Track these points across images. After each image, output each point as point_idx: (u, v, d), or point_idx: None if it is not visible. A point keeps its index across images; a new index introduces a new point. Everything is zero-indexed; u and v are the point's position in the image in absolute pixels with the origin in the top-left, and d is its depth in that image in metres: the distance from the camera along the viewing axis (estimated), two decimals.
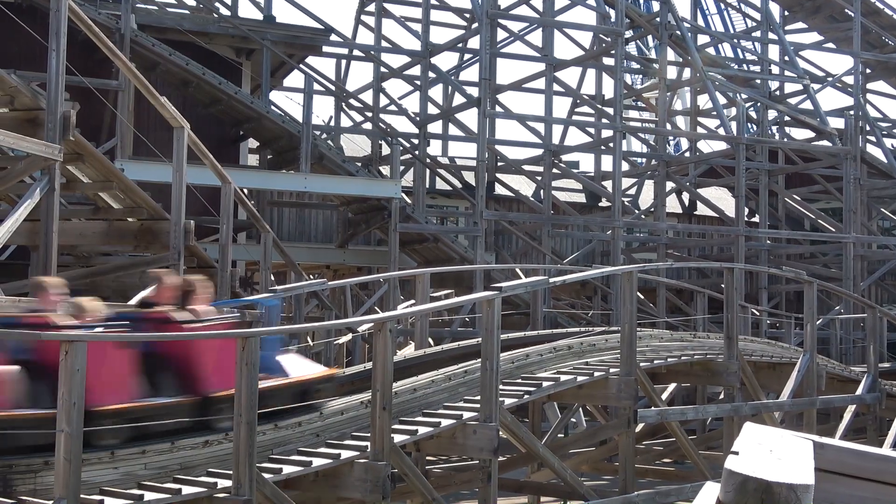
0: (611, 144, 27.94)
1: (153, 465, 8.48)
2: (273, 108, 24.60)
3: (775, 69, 32.88)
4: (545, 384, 12.69)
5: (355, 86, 31.29)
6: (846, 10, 33.21)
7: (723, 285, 16.11)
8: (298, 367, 10.89)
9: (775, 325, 28.06)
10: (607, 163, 29.52)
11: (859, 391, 18.96)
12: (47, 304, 9.07)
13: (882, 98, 37.02)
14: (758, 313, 26.35)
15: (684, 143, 42.66)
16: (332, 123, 30.05)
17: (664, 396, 19.45)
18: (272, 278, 17.45)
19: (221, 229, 15.11)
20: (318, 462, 9.29)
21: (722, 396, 16.77)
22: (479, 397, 11.17)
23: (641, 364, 13.92)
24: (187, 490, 8.12)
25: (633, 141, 41.13)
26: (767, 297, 30.18)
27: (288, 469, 9.04)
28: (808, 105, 31.92)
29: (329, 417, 10.47)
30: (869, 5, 33.55)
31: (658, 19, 30.15)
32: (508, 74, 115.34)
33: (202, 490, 8.22)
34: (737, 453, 2.34)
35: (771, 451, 2.36)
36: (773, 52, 33.16)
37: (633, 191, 33.27)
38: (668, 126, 31.95)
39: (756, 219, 31.49)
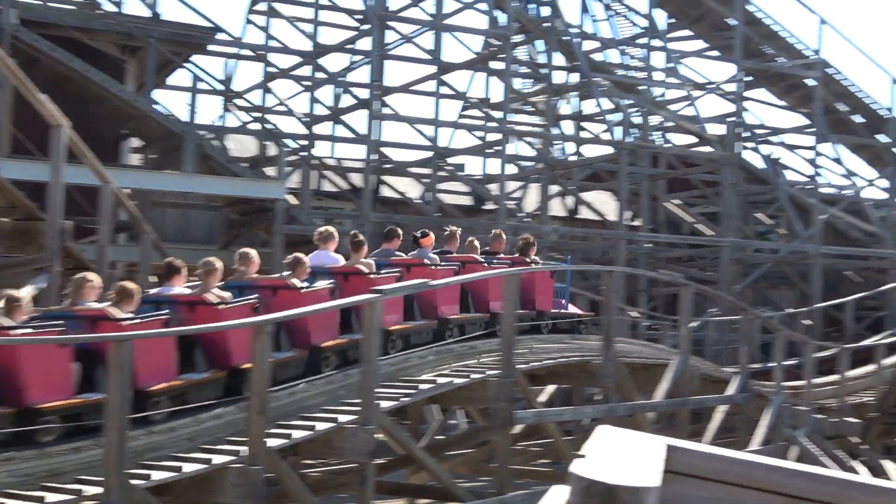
0: (498, 148, 28.27)
1: (19, 472, 8.37)
2: (157, 106, 24.29)
3: (659, 76, 33.64)
4: (424, 387, 12.82)
5: (243, 86, 30.99)
6: (728, 19, 34.14)
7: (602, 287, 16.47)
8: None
9: (653, 327, 28.72)
10: (494, 166, 29.87)
11: (730, 391, 19.54)
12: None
13: (761, 106, 38.17)
14: (636, 315, 26.95)
15: (571, 147, 43.28)
16: (219, 123, 29.79)
17: (543, 398, 19.82)
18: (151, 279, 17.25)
19: (100, 230, 14.92)
20: (190, 467, 9.27)
21: (599, 397, 17.14)
22: (357, 400, 11.26)
23: (520, 366, 14.16)
24: (52, 498, 8.04)
25: (521, 144, 41.62)
26: (647, 300, 30.86)
27: (159, 475, 8.99)
28: (690, 111, 32.74)
29: (205, 422, 10.45)
30: (750, 15, 34.52)
31: (547, 24, 30.59)
32: (398, 76, 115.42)
33: (68, 497, 8.14)
34: (584, 457, 2.37)
35: (620, 454, 2.39)
36: (658, 58, 33.95)
37: (518, 193, 33.67)
38: (555, 130, 32.46)
39: (637, 222, 32.16)
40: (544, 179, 29.37)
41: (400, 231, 15.80)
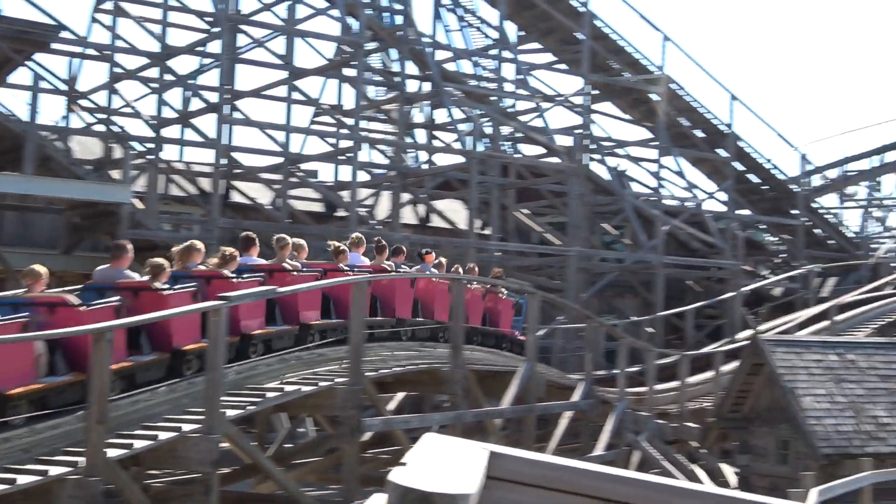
0: (349, 155, 28.22)
1: None
2: None
3: (509, 87, 34.13)
4: (270, 395, 12.68)
5: (88, 86, 30.12)
6: (576, 34, 34.89)
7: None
8: None
9: None
10: (346, 173, 29.78)
11: (576, 398, 19.94)
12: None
13: (607, 119, 39.10)
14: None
15: (424, 156, 43.53)
16: (62, 124, 28.87)
17: (392, 405, 19.85)
18: None
19: None
20: (25, 479, 8.94)
21: (448, 405, 17.26)
22: (202, 409, 11.06)
23: (369, 374, 14.15)
24: None
25: (374, 152, 41.63)
26: None
27: None
28: (539, 123, 33.30)
29: (41, 433, 10.10)
30: (597, 30, 35.37)
31: (400, 33, 30.70)
32: (249, 81, 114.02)
33: None
34: (405, 464, 2.40)
35: (442, 461, 2.42)
36: (509, 70, 34.45)
37: (370, 201, 33.65)
38: (407, 139, 32.59)
39: (488, 231, 32.53)
40: (396, 187, 29.44)
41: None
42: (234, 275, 13.26)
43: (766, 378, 19.74)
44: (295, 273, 14.47)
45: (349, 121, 29.01)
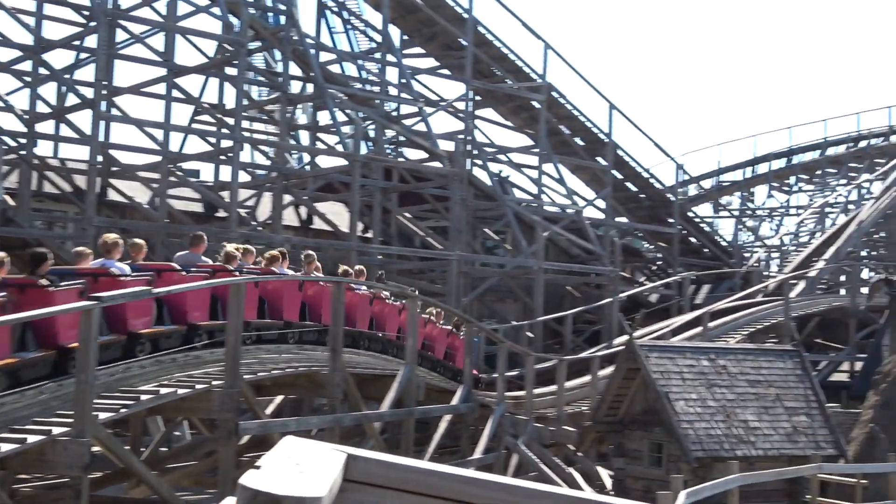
0: (230, 155, 27.84)
1: None
2: None
3: (393, 91, 34.12)
4: (144, 397, 12.41)
5: None
6: (460, 40, 35.10)
7: None
8: None
9: None
10: (227, 173, 29.38)
11: (455, 401, 20.02)
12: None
13: (489, 125, 39.42)
14: None
15: (306, 157, 43.26)
16: None
17: (271, 408, 19.65)
18: None
19: None
20: None
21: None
22: (73, 412, 10.76)
23: (246, 376, 13.96)
24: None
25: (256, 153, 41.19)
26: None
27: None
28: (422, 127, 33.37)
29: None
30: (480, 36, 35.63)
31: (282, 33, 30.42)
32: (127, 77, 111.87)
33: None
34: (259, 467, 2.36)
35: (297, 464, 2.39)
36: (392, 74, 34.45)
37: (252, 202, 33.26)
38: (290, 140, 32.30)
39: (370, 234, 32.46)
40: (278, 189, 29.15)
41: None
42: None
43: (641, 382, 20.11)
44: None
45: (230, 120, 28.61)
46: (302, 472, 2.33)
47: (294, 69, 32.69)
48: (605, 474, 22.28)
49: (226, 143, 29.41)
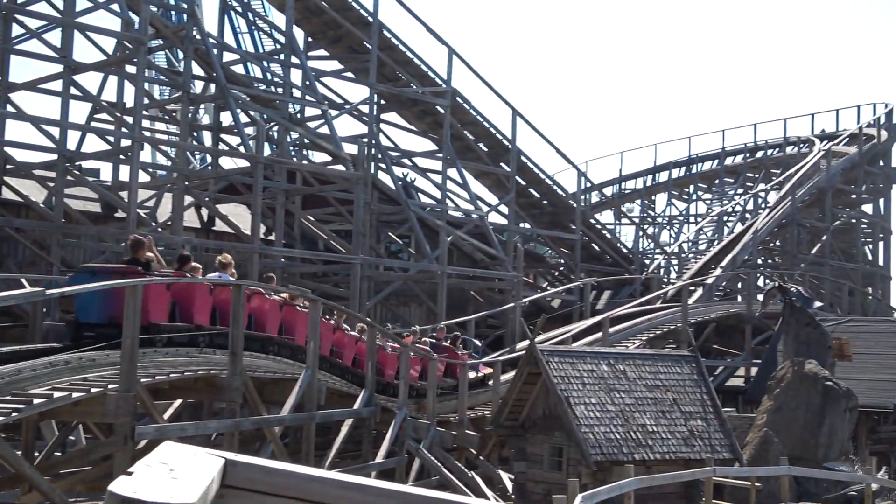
0: (129, 154, 27.32)
1: None
2: None
3: (297, 93, 33.88)
4: (36, 401, 12.07)
5: None
6: (365, 43, 35.00)
7: None
8: None
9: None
10: (127, 173, 28.80)
11: (357, 405, 19.91)
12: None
13: (394, 128, 39.40)
14: None
15: (210, 158, 42.72)
16: None
17: (170, 412, 19.29)
18: None
19: None
20: None
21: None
22: None
23: (144, 380, 13.68)
24: None
25: (158, 153, 40.53)
26: None
27: None
28: (325, 130, 33.18)
29: None
30: (386, 40, 35.60)
31: (184, 32, 29.97)
32: (23, 73, 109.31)
33: None
34: (131, 473, 2.33)
35: (171, 470, 2.35)
36: (297, 76, 34.19)
37: (152, 203, 32.68)
38: (192, 140, 31.84)
39: (273, 237, 32.17)
40: (178, 189, 28.70)
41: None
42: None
43: (542, 387, 20.24)
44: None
45: (130, 119, 28.08)
46: (176, 478, 2.29)
47: (197, 69, 32.25)
48: (506, 478, 22.38)
49: (125, 143, 28.85)
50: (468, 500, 2.34)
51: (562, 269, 46.24)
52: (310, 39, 36.31)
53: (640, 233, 58.40)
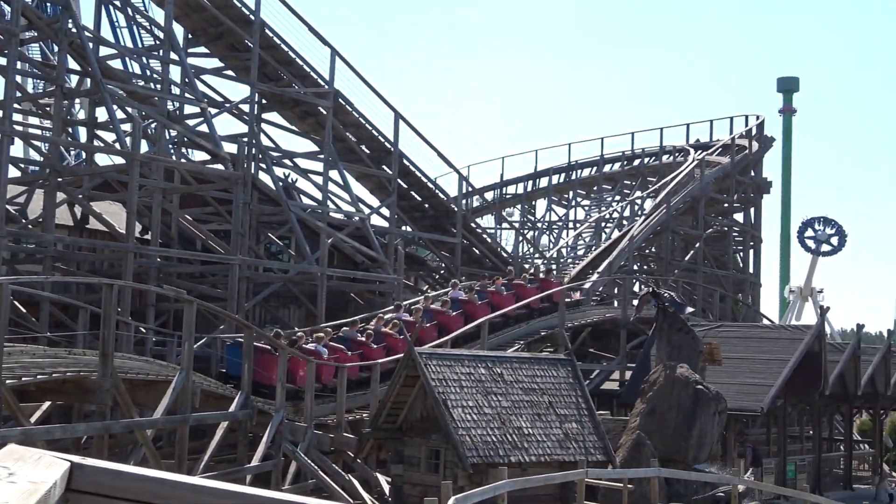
0: None
1: None
2: None
3: (176, 90, 33.27)
4: None
5: None
6: (246, 41, 34.57)
7: None
8: None
9: (162, 343, 28.20)
10: None
11: (233, 408, 19.65)
12: None
13: (275, 129, 38.98)
14: (143, 331, 26.37)
15: (84, 154, 41.64)
16: None
17: (38, 415, 18.74)
18: None
19: None
20: None
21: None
22: None
23: (9, 381, 13.27)
24: None
25: (30, 148, 39.34)
26: (154, 315, 30.19)
27: None
28: (205, 128, 32.67)
29: None
30: (268, 39, 35.20)
31: (59, 24, 29.18)
32: None
33: None
34: None
35: (11, 473, 2.26)
36: (176, 72, 33.58)
37: (22, 199, 31.73)
38: (66, 136, 31.00)
39: (149, 236, 31.53)
40: (51, 186, 27.93)
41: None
42: None
43: (420, 390, 20.27)
44: None
45: (0, 113, 27.20)
46: (14, 482, 2.20)
47: (73, 63, 31.43)
48: (383, 481, 22.34)
49: None
50: (308, 500, 2.32)
51: (442, 272, 46.39)
52: (190, 36, 35.71)
53: (521, 237, 58.99)
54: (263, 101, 36.81)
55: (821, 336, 31.78)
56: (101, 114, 33.71)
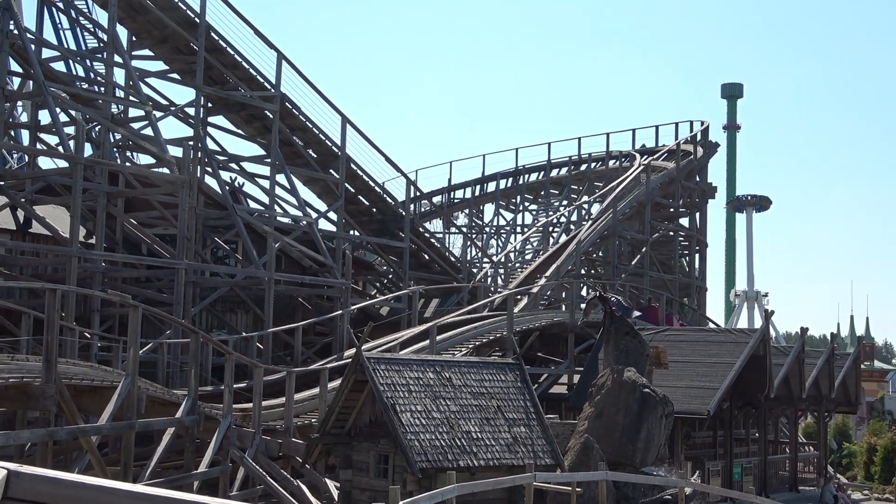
0: None
1: None
2: None
3: (120, 92, 32.92)
4: None
5: None
6: (191, 44, 34.28)
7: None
8: None
9: (107, 349, 27.88)
10: None
11: (179, 414, 19.44)
12: None
13: (221, 132, 38.67)
14: (88, 336, 26.03)
15: (27, 157, 41.05)
16: None
17: None
18: None
19: None
20: None
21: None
22: None
23: None
24: None
25: None
26: (100, 320, 29.85)
27: None
28: (149, 131, 32.34)
29: None
30: (213, 42, 34.95)
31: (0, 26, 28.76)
32: None
33: None
34: None
35: None
36: (120, 75, 33.24)
37: None
38: (7, 139, 30.53)
39: (93, 240, 31.14)
40: None
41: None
42: None
43: (369, 395, 20.18)
44: None
45: None
46: None
47: (15, 65, 30.98)
48: (332, 486, 22.22)
49: None
50: (211, 500, 2.30)
51: (391, 276, 46.31)
52: (134, 38, 35.35)
53: (468, 242, 59.07)
54: (209, 105, 36.53)
55: (766, 339, 32.10)
56: (44, 116, 33.26)
